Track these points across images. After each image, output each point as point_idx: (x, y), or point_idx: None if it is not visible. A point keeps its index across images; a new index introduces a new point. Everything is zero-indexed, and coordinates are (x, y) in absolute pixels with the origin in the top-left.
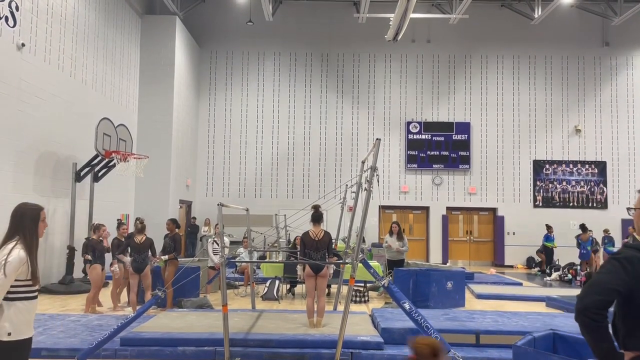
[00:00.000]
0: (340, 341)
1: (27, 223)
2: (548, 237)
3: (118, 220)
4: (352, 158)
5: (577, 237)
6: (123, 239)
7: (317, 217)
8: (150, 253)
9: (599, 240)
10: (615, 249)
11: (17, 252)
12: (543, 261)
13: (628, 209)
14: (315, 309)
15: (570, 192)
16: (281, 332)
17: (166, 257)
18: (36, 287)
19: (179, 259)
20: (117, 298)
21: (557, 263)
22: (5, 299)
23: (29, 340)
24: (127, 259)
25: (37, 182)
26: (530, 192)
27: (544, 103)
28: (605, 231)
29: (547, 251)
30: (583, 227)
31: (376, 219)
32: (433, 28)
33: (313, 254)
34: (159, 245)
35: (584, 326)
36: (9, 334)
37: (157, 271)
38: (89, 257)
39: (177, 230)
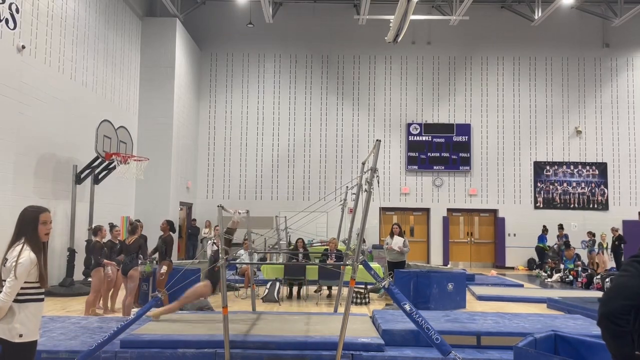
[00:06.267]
0: (340, 343)
1: (28, 226)
2: (544, 238)
3: (110, 223)
4: (352, 160)
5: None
6: (117, 242)
7: None
8: (141, 255)
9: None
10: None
11: (27, 253)
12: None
13: None
14: None
15: (571, 194)
16: (281, 334)
17: (147, 261)
18: (43, 289)
19: (172, 261)
20: (107, 300)
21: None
22: (17, 300)
23: (36, 342)
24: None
25: (37, 184)
26: (531, 193)
27: (545, 104)
28: (589, 233)
29: (539, 252)
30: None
31: (377, 220)
32: (433, 30)
33: None
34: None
35: (608, 331)
36: (21, 336)
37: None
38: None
39: (171, 232)
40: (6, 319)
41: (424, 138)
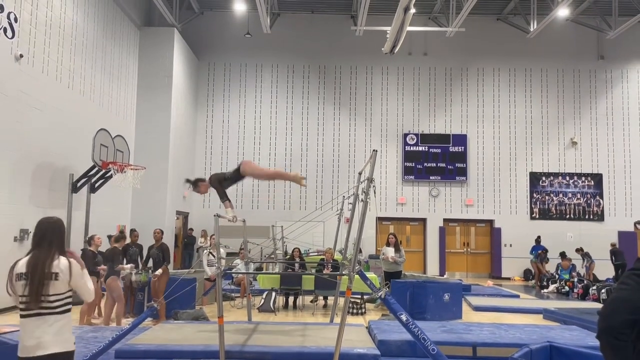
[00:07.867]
0: (336, 353)
1: (62, 236)
2: (537, 248)
3: (108, 236)
4: (349, 170)
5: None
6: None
7: None
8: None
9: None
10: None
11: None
12: (536, 274)
13: (636, 223)
14: None
15: (566, 204)
16: (277, 344)
17: (137, 269)
18: None
19: (169, 270)
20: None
21: (552, 274)
22: (66, 310)
23: None
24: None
25: (34, 192)
26: (526, 204)
27: (540, 115)
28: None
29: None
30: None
31: (373, 230)
32: (430, 41)
33: None
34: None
35: (609, 345)
36: (75, 343)
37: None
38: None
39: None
40: (62, 331)
41: (420, 148)
